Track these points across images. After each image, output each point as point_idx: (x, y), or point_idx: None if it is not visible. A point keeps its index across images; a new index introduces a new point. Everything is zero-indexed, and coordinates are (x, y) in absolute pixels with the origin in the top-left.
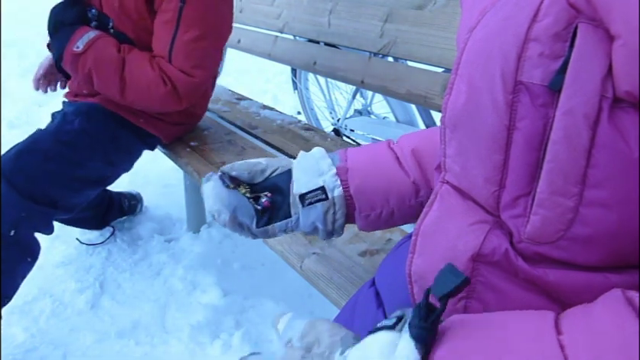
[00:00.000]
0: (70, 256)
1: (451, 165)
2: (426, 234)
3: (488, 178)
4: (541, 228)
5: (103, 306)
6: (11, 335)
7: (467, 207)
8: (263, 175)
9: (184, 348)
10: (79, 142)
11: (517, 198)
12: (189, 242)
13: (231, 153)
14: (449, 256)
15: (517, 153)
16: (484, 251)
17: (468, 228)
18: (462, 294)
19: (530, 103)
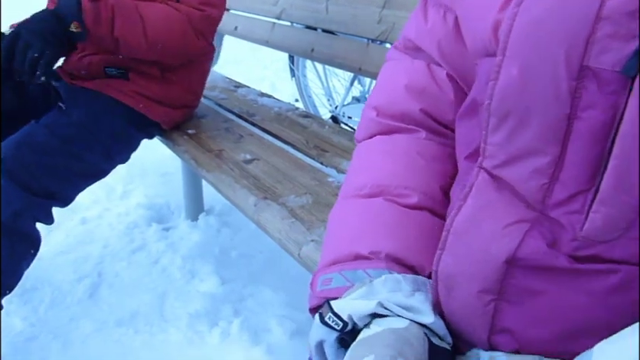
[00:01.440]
0: (68, 245)
1: (494, 153)
2: (458, 231)
3: (538, 169)
4: (601, 227)
5: (102, 295)
6: (10, 324)
7: (504, 202)
8: None
9: (182, 336)
10: (76, 137)
11: (575, 193)
12: (187, 230)
13: (229, 141)
14: (481, 258)
15: (579, 145)
16: (519, 255)
17: (504, 230)
18: (493, 296)
19: (597, 90)
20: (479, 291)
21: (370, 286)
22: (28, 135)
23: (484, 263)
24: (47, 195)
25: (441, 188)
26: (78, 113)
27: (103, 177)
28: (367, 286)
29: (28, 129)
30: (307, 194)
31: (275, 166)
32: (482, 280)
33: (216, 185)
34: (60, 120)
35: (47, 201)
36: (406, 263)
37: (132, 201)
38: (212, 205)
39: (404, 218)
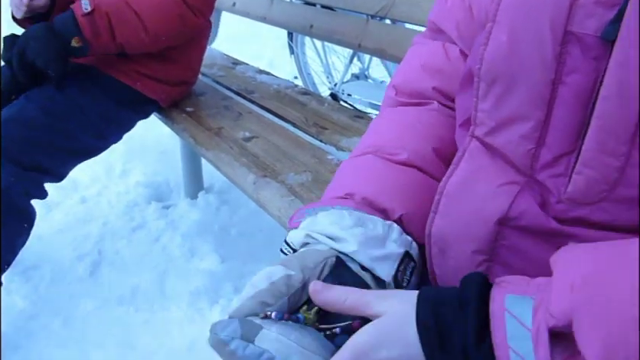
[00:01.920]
0: (67, 224)
1: (484, 120)
2: (451, 194)
3: (525, 135)
4: (584, 189)
5: (102, 273)
6: (11, 302)
7: (496, 166)
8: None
9: (183, 314)
10: (67, 114)
11: (559, 156)
12: (187, 209)
13: (228, 119)
14: (474, 219)
15: (563, 109)
16: (511, 214)
17: (496, 190)
18: (485, 257)
19: (580, 55)
20: (472, 252)
21: (315, 218)
22: (19, 111)
23: (477, 223)
24: (38, 170)
25: (434, 150)
26: (71, 91)
27: (96, 155)
28: (311, 218)
29: (19, 104)
30: (306, 172)
31: (275, 144)
32: (475, 241)
33: (215, 163)
34: (52, 96)
35: (39, 175)
36: (377, 206)
37: (132, 180)
38: (211, 183)
39: (388, 169)
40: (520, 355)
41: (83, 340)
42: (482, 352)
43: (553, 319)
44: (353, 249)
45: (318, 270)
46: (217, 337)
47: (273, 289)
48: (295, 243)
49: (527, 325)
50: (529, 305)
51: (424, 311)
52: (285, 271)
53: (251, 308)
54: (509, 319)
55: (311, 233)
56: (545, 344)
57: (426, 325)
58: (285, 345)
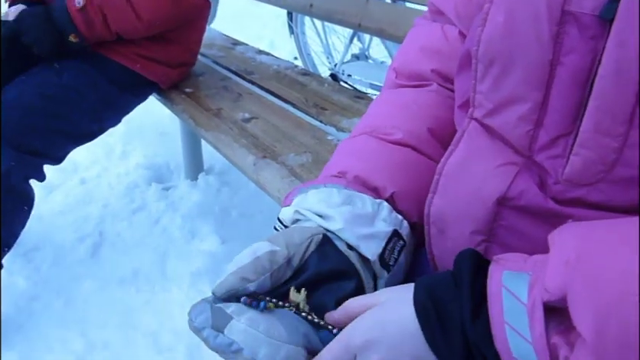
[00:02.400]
0: (68, 205)
1: (482, 102)
2: (450, 174)
3: (523, 116)
4: (581, 169)
5: (103, 255)
6: (13, 283)
7: (495, 147)
8: (292, 266)
9: (184, 295)
10: (64, 98)
11: (556, 137)
12: (187, 190)
13: (227, 99)
14: (473, 199)
15: (560, 90)
16: (510, 194)
17: (495, 170)
18: (483, 237)
19: (578, 35)
20: (471, 232)
21: (305, 196)
22: (17, 95)
23: (476, 203)
24: (36, 154)
25: (430, 130)
26: (70, 75)
27: (93, 139)
28: (301, 196)
29: (17, 88)
30: (306, 153)
31: (275, 125)
32: (473, 221)
33: (215, 145)
34: (50, 80)
35: (38, 158)
36: (369, 184)
37: (131, 161)
38: (211, 165)
39: (382, 149)
40: (516, 330)
41: (84, 320)
42: (478, 328)
43: (548, 293)
44: (339, 227)
45: (304, 247)
46: (192, 323)
47: (256, 265)
48: (286, 220)
49: (523, 301)
50: (525, 281)
51: (420, 292)
52: (270, 247)
53: (232, 283)
54: (506, 294)
55: (300, 209)
56: (540, 318)
57: (424, 305)
58: (253, 337)
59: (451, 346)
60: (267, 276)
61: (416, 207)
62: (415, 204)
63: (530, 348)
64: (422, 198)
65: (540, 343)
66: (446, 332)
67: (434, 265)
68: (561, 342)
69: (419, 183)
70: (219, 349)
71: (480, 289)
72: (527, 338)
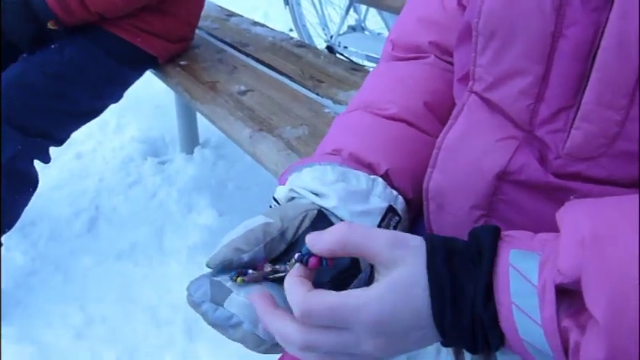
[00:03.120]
0: (63, 180)
1: (482, 76)
2: (449, 148)
3: (524, 90)
4: (583, 143)
5: (100, 229)
6: (10, 258)
7: (495, 121)
8: (286, 240)
9: (182, 268)
10: (66, 75)
11: (557, 111)
12: (183, 164)
13: (223, 72)
14: (473, 173)
15: (562, 63)
16: (510, 169)
17: (496, 144)
18: (482, 212)
19: (580, 6)
20: (470, 207)
21: (299, 174)
22: (20, 75)
23: (475, 177)
24: (41, 135)
25: (426, 104)
26: (70, 51)
27: (96, 116)
28: (296, 174)
29: (19, 66)
30: (303, 126)
31: (271, 97)
32: (473, 196)
33: (210, 118)
34: (52, 58)
35: (43, 141)
36: (363, 161)
37: (126, 135)
38: (207, 138)
39: (376, 124)
40: (525, 312)
41: (83, 295)
42: (489, 311)
43: (561, 275)
44: (333, 204)
45: (298, 221)
46: (190, 298)
47: (249, 236)
48: (281, 199)
49: (533, 282)
50: (534, 260)
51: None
52: (263, 219)
53: (225, 255)
54: (513, 274)
55: (295, 188)
56: (552, 301)
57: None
58: (252, 310)
59: (460, 329)
60: (261, 247)
61: (411, 183)
62: (410, 180)
63: (540, 330)
64: (418, 173)
65: (550, 326)
66: (458, 316)
67: None
68: (572, 325)
69: (415, 159)
70: (217, 323)
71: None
72: (537, 320)
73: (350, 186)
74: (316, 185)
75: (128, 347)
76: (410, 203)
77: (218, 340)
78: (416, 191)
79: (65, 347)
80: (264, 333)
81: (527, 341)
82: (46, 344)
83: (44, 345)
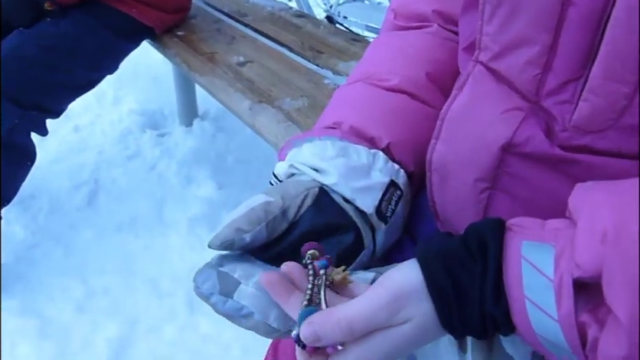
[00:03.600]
0: (62, 153)
1: (488, 45)
2: (454, 119)
3: (531, 60)
4: (590, 116)
5: (100, 202)
6: (11, 232)
7: (501, 91)
8: (287, 218)
9: (182, 240)
10: (62, 48)
11: (565, 82)
12: (182, 136)
13: (221, 43)
14: (477, 145)
15: (571, 33)
16: (516, 141)
17: (501, 116)
18: (487, 185)
19: None
20: (475, 179)
21: (299, 150)
22: (15, 48)
23: (481, 149)
24: (38, 108)
25: (428, 75)
26: (66, 23)
27: (92, 88)
28: (295, 150)
29: (15, 39)
30: (303, 97)
31: (270, 69)
32: (477, 168)
33: (209, 89)
34: (47, 31)
35: (40, 113)
36: (364, 135)
37: (124, 107)
38: (206, 110)
39: (377, 97)
40: (539, 307)
41: (84, 268)
42: (501, 307)
43: (579, 269)
44: (333, 181)
45: (300, 199)
46: (198, 290)
47: (250, 215)
48: (281, 175)
49: (548, 275)
50: (548, 253)
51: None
52: (264, 198)
53: (226, 235)
54: (526, 267)
55: (295, 164)
56: (569, 296)
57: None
58: (263, 300)
59: (468, 329)
60: (262, 226)
61: (413, 156)
62: (412, 153)
63: (556, 325)
64: (420, 146)
65: (568, 322)
66: (466, 319)
67: (435, 213)
68: (590, 321)
69: (417, 131)
70: (228, 314)
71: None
72: (553, 315)
73: (350, 161)
74: (316, 161)
75: (129, 319)
76: (412, 177)
77: None
78: (418, 165)
79: (67, 319)
80: (275, 322)
81: (542, 335)
82: (48, 317)
83: (46, 318)
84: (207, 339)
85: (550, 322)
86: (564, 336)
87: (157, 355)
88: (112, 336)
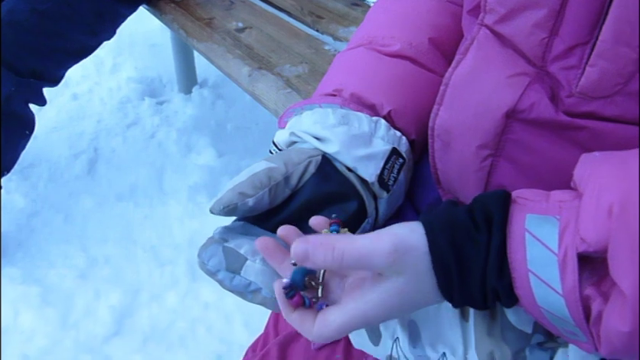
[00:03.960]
0: (61, 122)
1: (494, 7)
2: (458, 84)
3: (538, 23)
4: (597, 81)
5: (100, 171)
6: (11, 201)
7: (506, 56)
8: (290, 185)
9: (183, 208)
10: (57, 13)
11: (572, 47)
12: (181, 104)
13: (219, 8)
14: (481, 111)
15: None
16: (520, 107)
17: (506, 81)
18: (490, 151)
19: None
20: (478, 146)
21: (299, 118)
22: (8, 13)
23: (484, 115)
24: (34, 75)
25: (430, 40)
26: None
27: (89, 54)
28: (296, 118)
29: (10, 4)
30: (303, 64)
31: (269, 34)
32: (481, 134)
33: (208, 56)
34: None
35: (37, 81)
36: (365, 102)
37: (123, 75)
38: (205, 77)
39: (379, 63)
40: (543, 280)
41: (84, 236)
42: (504, 280)
43: (584, 243)
44: (335, 149)
45: (303, 166)
46: (204, 266)
47: (254, 180)
48: (281, 143)
49: (552, 249)
50: (553, 226)
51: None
52: (267, 164)
53: (230, 199)
54: (530, 241)
55: (296, 131)
56: (574, 270)
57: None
58: (270, 276)
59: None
60: (265, 191)
61: (415, 123)
62: (414, 120)
63: (560, 299)
64: (422, 113)
65: (572, 295)
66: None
67: (437, 179)
68: (594, 294)
69: (419, 98)
70: (236, 290)
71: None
72: (556, 289)
73: (352, 129)
74: (317, 129)
75: (131, 287)
76: (414, 144)
77: None
78: (419, 132)
79: (69, 287)
80: None
81: (546, 309)
82: (50, 284)
83: (49, 286)
84: (208, 307)
85: (553, 296)
86: (568, 310)
87: (159, 323)
88: (114, 304)
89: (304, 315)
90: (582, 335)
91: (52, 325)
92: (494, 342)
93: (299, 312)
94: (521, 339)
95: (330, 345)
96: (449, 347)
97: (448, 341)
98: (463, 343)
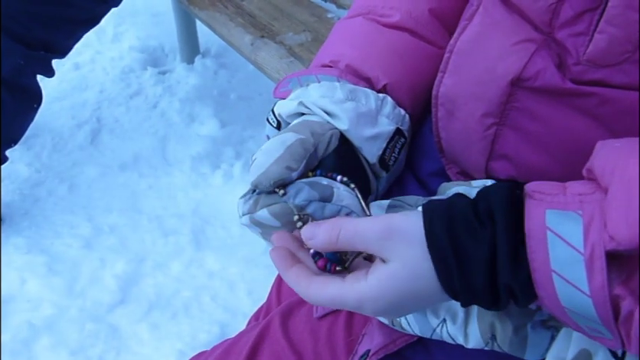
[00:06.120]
0: (63, 91)
1: None
2: (463, 51)
3: None
4: (606, 48)
5: (103, 141)
6: (15, 170)
7: (513, 21)
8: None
9: (186, 178)
10: None
11: (581, 13)
12: (184, 73)
13: None
14: (485, 79)
15: None
16: (526, 74)
17: (512, 48)
18: (494, 120)
19: None
20: (482, 114)
21: (305, 89)
22: None
23: (489, 83)
24: (43, 47)
25: (431, 10)
26: None
27: (97, 23)
28: (301, 89)
29: None
30: (306, 32)
31: (272, 2)
32: (485, 102)
33: (210, 24)
34: None
35: (46, 53)
36: (362, 74)
37: (125, 44)
38: (208, 47)
39: (376, 34)
40: (568, 280)
41: (89, 206)
42: (520, 277)
43: (614, 241)
44: (344, 127)
45: (328, 137)
46: (292, 201)
47: (293, 153)
48: (284, 114)
49: (577, 248)
50: (576, 223)
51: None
52: (296, 136)
53: (279, 173)
54: (552, 239)
55: (306, 103)
56: (602, 269)
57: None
58: (355, 200)
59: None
60: (304, 163)
61: (411, 98)
62: (410, 94)
63: (587, 299)
64: (418, 87)
65: (601, 296)
66: (467, 281)
67: (440, 148)
68: (624, 293)
69: (416, 72)
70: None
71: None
72: (583, 289)
73: (359, 106)
74: (326, 103)
75: (137, 256)
76: (410, 118)
77: (225, 248)
78: (415, 106)
79: (75, 256)
80: None
81: (570, 308)
82: (56, 253)
83: (54, 255)
84: (212, 275)
85: (580, 296)
86: (595, 310)
87: (163, 291)
88: (119, 272)
89: (300, 272)
90: (607, 333)
91: (58, 294)
92: (497, 313)
93: (296, 269)
94: (525, 314)
95: (331, 314)
96: (451, 314)
97: (450, 307)
98: (465, 311)
